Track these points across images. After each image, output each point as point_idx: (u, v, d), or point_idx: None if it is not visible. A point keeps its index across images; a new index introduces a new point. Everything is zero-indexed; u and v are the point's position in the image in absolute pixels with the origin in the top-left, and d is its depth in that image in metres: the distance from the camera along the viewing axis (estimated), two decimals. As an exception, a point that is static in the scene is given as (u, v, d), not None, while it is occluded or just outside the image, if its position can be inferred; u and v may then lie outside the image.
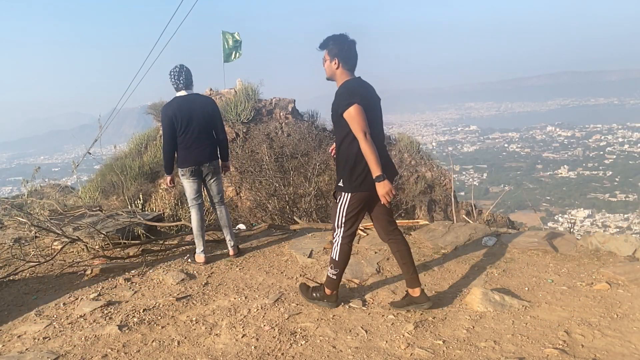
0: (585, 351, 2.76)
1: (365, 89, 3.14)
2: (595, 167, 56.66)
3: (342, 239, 3.28)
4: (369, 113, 3.02)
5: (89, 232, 5.09)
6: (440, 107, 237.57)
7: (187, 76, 4.30)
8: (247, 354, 2.87)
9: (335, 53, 3.07)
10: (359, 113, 2.94)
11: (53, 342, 3.10)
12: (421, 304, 3.26)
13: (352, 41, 3.09)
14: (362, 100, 2.98)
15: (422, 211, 11.39)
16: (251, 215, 9.07)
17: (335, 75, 3.14)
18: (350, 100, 2.96)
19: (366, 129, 2.94)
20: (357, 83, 3.12)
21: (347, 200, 3.17)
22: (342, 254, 3.30)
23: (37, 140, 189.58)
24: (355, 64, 3.14)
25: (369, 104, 3.06)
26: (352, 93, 2.99)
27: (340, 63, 3.08)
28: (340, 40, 3.06)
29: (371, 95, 3.15)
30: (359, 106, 2.94)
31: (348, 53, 3.07)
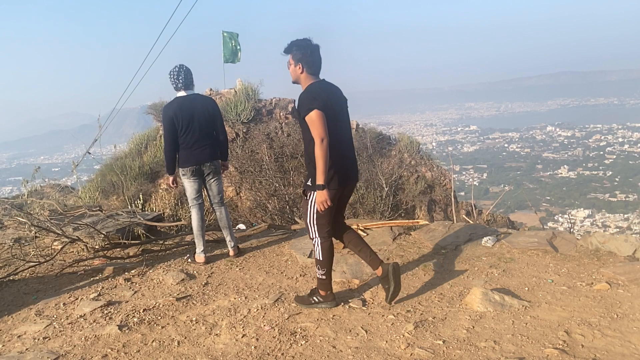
0: (585, 351, 2.76)
1: (330, 92, 3.21)
2: (595, 167, 56.64)
3: (321, 238, 3.32)
4: (332, 117, 3.11)
5: (89, 232, 5.09)
6: (440, 107, 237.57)
7: (186, 76, 4.30)
8: (247, 354, 2.87)
9: (299, 58, 3.14)
10: (319, 118, 3.02)
11: (53, 342, 3.10)
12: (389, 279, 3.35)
13: (315, 46, 3.17)
14: (324, 104, 3.06)
15: (422, 211, 11.39)
16: (251, 215, 9.07)
17: (300, 79, 3.22)
18: (311, 105, 3.03)
19: (324, 134, 3.02)
20: (320, 86, 3.18)
21: (315, 199, 3.22)
22: (325, 252, 3.32)
23: (37, 140, 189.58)
24: (319, 68, 3.21)
25: (333, 107, 3.14)
26: (314, 98, 3.06)
27: (304, 67, 3.15)
28: (304, 45, 3.14)
29: (336, 99, 3.23)
30: (319, 111, 3.02)
31: (311, 57, 3.15)
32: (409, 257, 4.49)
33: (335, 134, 3.13)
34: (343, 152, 3.25)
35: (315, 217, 3.27)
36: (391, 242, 4.89)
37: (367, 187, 10.21)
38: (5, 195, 11.42)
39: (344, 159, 3.27)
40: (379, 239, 4.97)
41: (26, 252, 4.90)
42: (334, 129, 3.12)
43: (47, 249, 5.10)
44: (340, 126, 3.22)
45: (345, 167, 3.28)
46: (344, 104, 3.35)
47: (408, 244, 4.87)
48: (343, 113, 3.30)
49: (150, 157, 11.57)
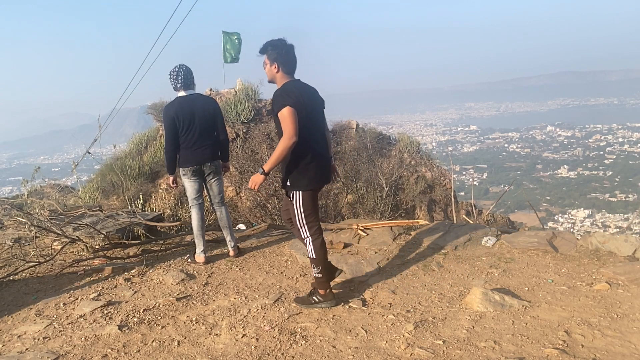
0: (585, 351, 2.76)
1: (304, 91, 3.26)
2: (595, 167, 56.63)
3: (312, 237, 3.35)
4: (306, 116, 3.16)
5: (89, 232, 5.09)
6: (440, 107, 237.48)
7: (186, 76, 4.30)
8: (247, 354, 2.88)
9: (274, 57, 3.20)
10: (291, 114, 3.07)
11: (53, 342, 3.10)
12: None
13: (290, 46, 3.23)
14: (297, 102, 3.11)
15: (422, 211, 11.40)
16: (251, 215, 9.07)
17: (276, 78, 3.27)
18: (284, 101, 3.09)
19: (293, 132, 3.06)
20: (295, 85, 3.23)
21: (300, 199, 3.28)
22: (318, 250, 3.34)
23: (37, 140, 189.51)
24: (294, 67, 3.27)
25: (307, 106, 3.18)
26: (287, 94, 3.12)
27: (279, 67, 3.21)
28: (279, 46, 3.20)
29: (310, 98, 3.28)
30: (291, 108, 3.07)
31: (286, 57, 3.21)
32: (408, 257, 4.49)
33: (310, 133, 3.20)
34: (319, 151, 3.32)
35: (303, 217, 3.31)
36: (391, 242, 4.89)
37: (367, 187, 10.21)
38: (5, 195, 11.42)
39: (321, 158, 3.34)
40: (379, 239, 4.97)
41: (26, 252, 4.90)
42: (309, 128, 3.19)
43: (47, 249, 5.10)
44: (315, 126, 3.28)
45: (323, 167, 3.36)
46: (320, 105, 3.41)
47: (408, 244, 4.87)
48: (318, 114, 3.36)
49: (150, 157, 11.58)
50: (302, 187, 3.26)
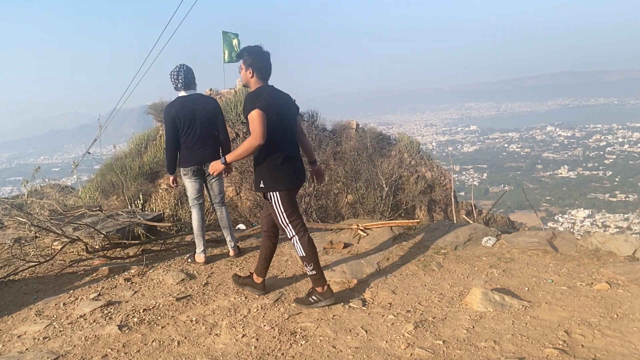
0: (585, 351, 2.76)
1: (276, 96, 3.34)
2: (595, 167, 56.64)
3: (297, 235, 3.40)
4: (277, 120, 3.24)
5: (89, 232, 5.09)
6: (440, 107, 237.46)
7: (186, 76, 4.30)
8: (247, 354, 2.88)
9: (250, 63, 3.31)
10: (259, 117, 3.15)
11: (53, 342, 3.10)
12: (256, 291, 3.69)
13: (266, 53, 3.34)
14: (267, 106, 3.19)
15: (422, 211, 11.40)
16: (251, 215, 9.07)
17: (250, 83, 3.38)
18: (254, 104, 3.18)
19: (260, 133, 3.14)
20: (266, 90, 3.32)
21: (278, 199, 3.35)
22: (306, 247, 3.38)
23: (37, 140, 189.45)
24: (268, 74, 3.38)
25: (277, 111, 3.26)
26: (257, 98, 3.21)
27: (254, 72, 3.32)
28: (255, 52, 3.31)
29: (282, 104, 3.36)
30: (259, 111, 3.15)
31: (261, 63, 3.31)
32: (409, 257, 4.49)
33: (280, 136, 3.29)
34: (291, 153, 3.40)
35: (285, 216, 3.37)
36: (391, 242, 4.89)
37: (367, 187, 10.21)
38: (5, 195, 11.42)
39: (293, 160, 3.41)
40: (379, 239, 4.97)
41: (26, 252, 4.90)
42: (279, 131, 3.28)
43: (47, 249, 5.10)
44: (286, 130, 3.36)
45: (296, 168, 3.42)
46: (292, 111, 3.49)
47: (408, 244, 4.87)
48: (290, 119, 3.44)
49: (150, 157, 11.58)
50: (278, 187, 3.34)
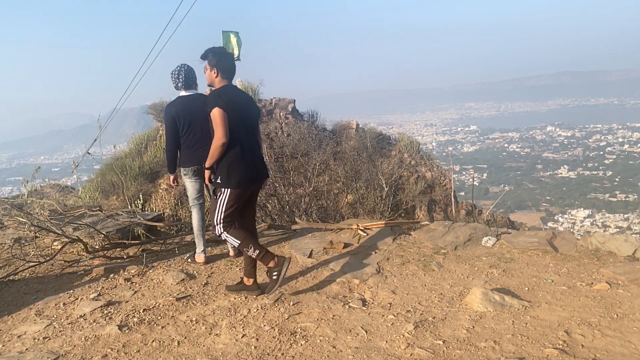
0: (585, 351, 2.76)
1: (237, 96, 3.48)
2: (595, 167, 56.59)
3: (226, 230, 3.49)
4: (237, 119, 3.36)
5: (89, 232, 5.10)
6: (440, 107, 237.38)
7: (187, 75, 4.30)
8: (247, 354, 2.88)
9: (214, 64, 3.44)
10: (220, 116, 3.27)
11: (53, 342, 3.10)
12: (252, 292, 3.69)
13: (229, 54, 3.52)
14: (228, 104, 3.31)
15: (422, 211, 11.40)
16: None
17: (214, 83, 3.51)
18: (215, 103, 3.29)
19: (222, 132, 3.27)
20: (229, 90, 3.45)
21: (226, 196, 3.44)
22: (238, 235, 3.48)
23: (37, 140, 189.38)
24: (232, 74, 3.52)
25: (239, 110, 3.40)
26: (219, 96, 3.33)
27: (218, 72, 3.46)
28: (219, 53, 3.46)
29: (243, 104, 3.49)
30: (220, 109, 3.27)
31: (225, 64, 3.45)
32: (409, 257, 4.49)
33: (240, 136, 3.40)
34: (249, 152, 3.49)
35: (222, 215, 3.46)
36: (391, 242, 4.89)
37: (367, 187, 10.21)
38: (5, 195, 11.42)
39: (251, 159, 3.50)
40: (379, 239, 4.97)
41: (26, 252, 4.90)
42: (238, 130, 3.38)
43: (47, 249, 5.10)
44: (245, 129, 3.47)
45: (252, 168, 3.51)
46: (253, 112, 3.63)
47: (408, 244, 4.87)
48: (250, 120, 3.57)
49: (150, 157, 11.58)
50: (231, 186, 3.43)
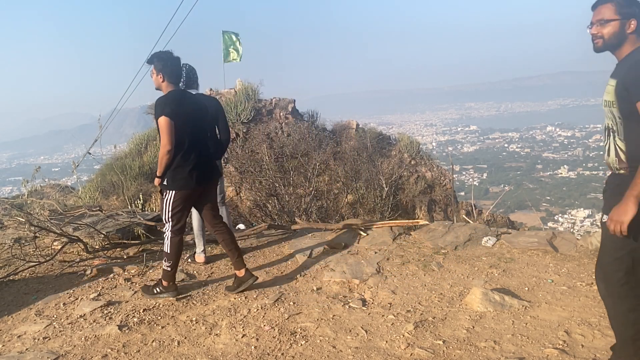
0: (585, 351, 2.76)
1: (187, 101, 3.53)
2: (595, 167, 56.55)
3: (172, 233, 3.60)
4: (185, 124, 3.43)
5: (89, 232, 5.09)
6: (440, 107, 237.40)
7: (188, 75, 4.29)
8: (247, 354, 2.87)
9: (160, 68, 3.48)
10: (166, 124, 3.34)
11: (53, 342, 3.10)
12: (247, 281, 3.73)
13: (176, 58, 3.52)
14: (173, 111, 3.36)
15: (422, 211, 11.40)
16: (251, 215, 9.07)
17: (162, 87, 3.54)
18: (162, 111, 3.35)
19: (166, 140, 3.34)
20: (176, 95, 3.49)
21: (171, 197, 3.54)
22: (173, 247, 3.60)
23: (37, 140, 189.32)
24: (179, 77, 3.56)
25: (187, 115, 3.45)
26: (166, 104, 3.37)
27: (164, 77, 3.49)
28: (164, 57, 3.49)
29: (192, 107, 3.54)
30: (166, 118, 3.34)
31: (171, 68, 3.49)
32: (409, 257, 4.49)
33: (189, 139, 3.46)
34: (196, 156, 3.54)
35: (170, 212, 3.57)
36: (391, 242, 4.89)
37: (367, 187, 10.21)
38: (5, 195, 11.42)
39: (197, 163, 3.54)
40: (379, 239, 4.97)
41: (26, 252, 4.89)
42: (186, 135, 3.44)
43: (47, 249, 5.09)
44: (196, 132, 3.54)
45: (198, 171, 3.55)
46: (205, 114, 3.70)
47: (408, 244, 4.87)
48: (201, 121, 3.63)
49: (150, 157, 11.58)
50: (175, 188, 3.51)
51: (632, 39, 2.21)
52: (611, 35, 2.21)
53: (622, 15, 2.18)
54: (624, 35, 2.20)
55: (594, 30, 2.26)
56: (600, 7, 2.25)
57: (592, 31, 2.27)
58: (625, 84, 2.13)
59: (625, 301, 2.28)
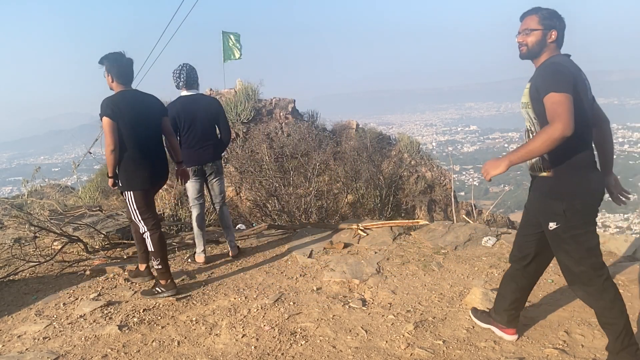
0: (585, 351, 2.76)
1: (133, 101, 3.57)
2: (595, 167, 56.48)
3: (149, 231, 3.66)
4: (127, 123, 3.48)
5: (89, 232, 5.09)
6: (440, 107, 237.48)
7: (189, 75, 4.31)
8: (247, 354, 2.88)
9: (109, 69, 3.57)
10: (108, 126, 3.43)
11: (53, 342, 3.10)
12: (144, 277, 3.95)
13: (127, 59, 3.59)
14: (115, 112, 3.44)
15: (422, 211, 11.40)
16: (251, 215, 9.07)
17: (112, 87, 3.63)
18: (104, 112, 3.44)
19: (109, 140, 3.43)
20: (124, 95, 3.56)
21: (132, 198, 3.61)
22: (156, 244, 3.66)
23: (37, 140, 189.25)
24: (128, 78, 3.64)
25: (130, 115, 3.50)
26: (108, 106, 3.45)
27: (113, 78, 3.57)
28: (112, 59, 3.56)
29: (139, 107, 3.59)
30: (108, 119, 3.42)
31: (119, 70, 3.56)
32: (409, 257, 4.49)
33: (135, 140, 3.53)
34: (146, 155, 3.62)
35: (138, 213, 3.64)
36: (391, 242, 4.89)
37: (367, 187, 10.21)
38: (5, 195, 11.41)
39: (147, 162, 3.62)
40: (379, 239, 4.97)
41: (26, 252, 4.89)
42: (133, 134, 3.51)
43: (47, 249, 5.09)
44: (143, 133, 3.59)
45: (149, 170, 3.64)
46: (153, 114, 3.71)
47: (408, 244, 4.87)
48: (149, 122, 3.66)
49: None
50: (132, 188, 3.59)
51: (551, 47, 2.45)
52: (534, 44, 2.44)
53: (544, 26, 2.41)
54: (545, 44, 2.43)
55: (520, 38, 2.48)
56: (527, 18, 2.47)
57: (518, 39, 2.49)
58: (536, 85, 2.36)
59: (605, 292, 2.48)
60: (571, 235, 2.41)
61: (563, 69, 2.30)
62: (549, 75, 2.30)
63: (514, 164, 2.30)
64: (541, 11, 2.43)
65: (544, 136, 2.19)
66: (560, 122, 2.15)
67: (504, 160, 2.29)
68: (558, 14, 2.43)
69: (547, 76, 2.30)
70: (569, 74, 2.29)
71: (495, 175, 2.32)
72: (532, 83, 2.42)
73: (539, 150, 2.23)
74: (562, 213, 2.38)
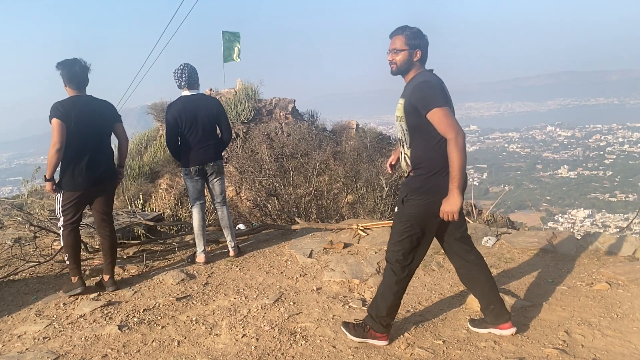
0: (585, 351, 2.76)
1: (81, 105, 3.68)
2: (595, 167, 56.60)
3: (64, 227, 3.77)
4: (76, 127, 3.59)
5: (89, 232, 5.09)
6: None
7: (190, 75, 4.31)
8: (247, 354, 2.88)
9: (62, 74, 3.71)
10: (56, 125, 3.54)
11: (53, 342, 3.10)
12: (108, 287, 3.92)
13: (81, 66, 3.71)
14: (64, 114, 3.56)
15: (422, 211, 11.37)
16: (251, 215, 9.07)
17: (67, 91, 3.76)
18: (53, 114, 3.57)
19: (55, 139, 3.53)
20: (72, 100, 3.68)
21: (60, 197, 3.75)
22: (66, 240, 3.77)
23: (37, 140, 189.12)
24: (80, 83, 3.72)
25: (77, 119, 3.60)
26: (57, 108, 3.58)
27: (66, 83, 3.72)
28: (64, 64, 3.69)
29: (88, 112, 3.69)
30: (56, 120, 3.55)
31: (70, 75, 3.68)
32: (409, 257, 4.48)
33: (77, 143, 3.63)
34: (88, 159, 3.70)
35: (61, 211, 3.75)
36: (391, 242, 4.88)
37: (367, 187, 10.20)
38: (5, 195, 11.42)
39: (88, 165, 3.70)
40: (379, 239, 4.97)
41: (26, 252, 4.90)
42: (76, 138, 3.61)
43: (47, 249, 5.09)
44: (87, 136, 3.68)
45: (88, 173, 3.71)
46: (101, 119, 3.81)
47: (408, 244, 4.86)
48: (94, 125, 3.74)
49: (150, 157, 11.58)
50: (64, 189, 3.72)
51: (417, 65, 2.67)
52: (402, 62, 2.65)
53: (409, 47, 2.62)
54: (411, 62, 2.65)
55: (390, 57, 2.67)
56: (394, 38, 2.66)
57: (388, 57, 2.69)
58: (411, 102, 2.57)
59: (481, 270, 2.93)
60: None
61: (435, 85, 2.55)
62: (425, 93, 2.53)
63: (461, 187, 2.51)
64: (406, 31, 2.61)
65: (454, 149, 2.45)
66: (454, 130, 2.45)
67: (454, 193, 2.50)
68: (421, 33, 2.64)
69: (424, 94, 2.52)
70: (440, 88, 2.56)
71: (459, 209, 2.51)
72: (405, 99, 2.62)
73: (461, 161, 2.46)
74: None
